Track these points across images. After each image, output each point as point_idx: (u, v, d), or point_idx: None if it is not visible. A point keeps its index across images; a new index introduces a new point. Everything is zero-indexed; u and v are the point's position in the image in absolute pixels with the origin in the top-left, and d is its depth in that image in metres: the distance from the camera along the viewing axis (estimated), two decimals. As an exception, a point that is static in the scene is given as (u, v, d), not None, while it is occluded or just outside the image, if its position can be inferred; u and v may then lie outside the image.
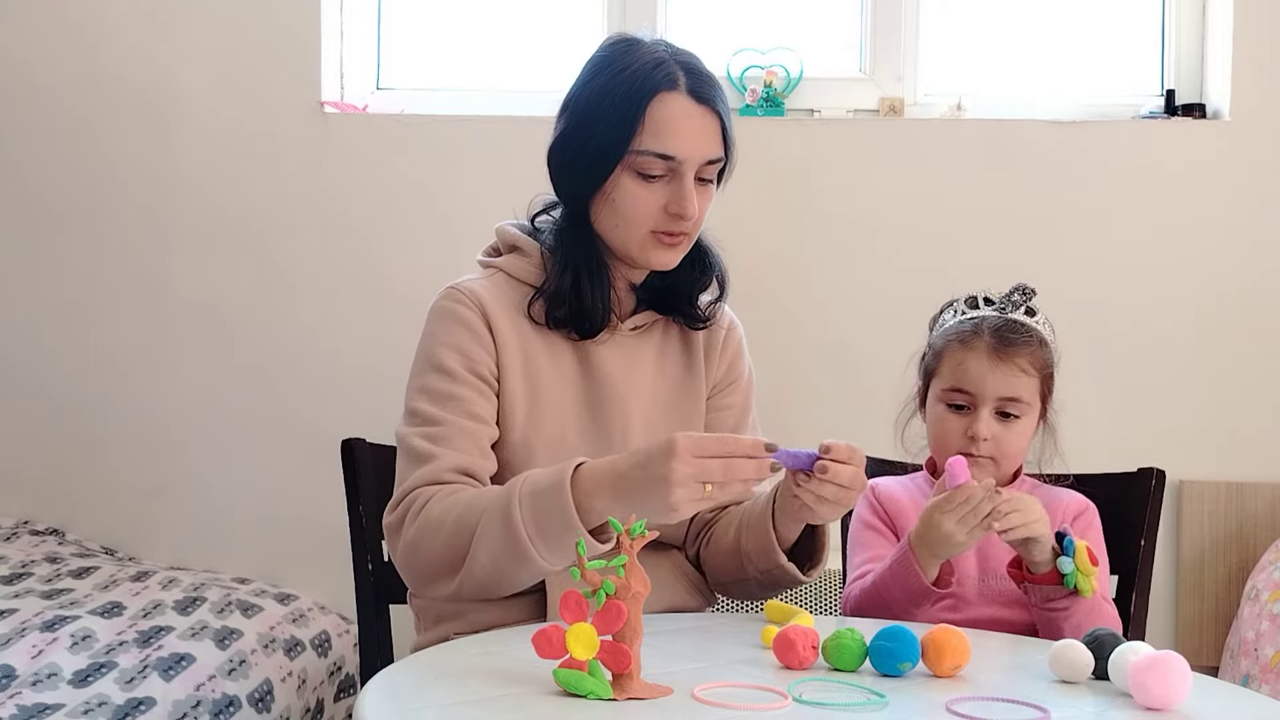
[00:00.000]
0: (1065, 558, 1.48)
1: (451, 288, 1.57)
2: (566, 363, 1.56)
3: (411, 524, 1.43)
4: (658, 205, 1.49)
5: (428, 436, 1.47)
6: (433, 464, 1.45)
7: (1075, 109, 2.68)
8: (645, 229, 1.50)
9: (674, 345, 1.64)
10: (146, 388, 2.71)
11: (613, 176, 1.49)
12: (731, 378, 1.68)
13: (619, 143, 1.47)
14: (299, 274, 2.68)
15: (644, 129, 1.46)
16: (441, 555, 1.40)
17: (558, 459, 1.43)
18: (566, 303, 1.53)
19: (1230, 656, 2.35)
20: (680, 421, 1.61)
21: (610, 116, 1.47)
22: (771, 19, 2.75)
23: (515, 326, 1.54)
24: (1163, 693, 1.10)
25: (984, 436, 1.60)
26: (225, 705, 2.02)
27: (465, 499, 1.41)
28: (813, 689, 1.11)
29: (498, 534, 1.35)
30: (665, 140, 1.46)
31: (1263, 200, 2.58)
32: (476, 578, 1.38)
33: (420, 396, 1.51)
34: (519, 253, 1.60)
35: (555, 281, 1.53)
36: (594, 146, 1.49)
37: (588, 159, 1.50)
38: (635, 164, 1.47)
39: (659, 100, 1.46)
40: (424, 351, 1.55)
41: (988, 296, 1.68)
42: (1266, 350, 2.57)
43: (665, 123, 1.46)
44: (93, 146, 2.72)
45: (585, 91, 1.52)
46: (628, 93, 1.46)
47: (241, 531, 2.68)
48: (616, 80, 1.48)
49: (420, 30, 2.83)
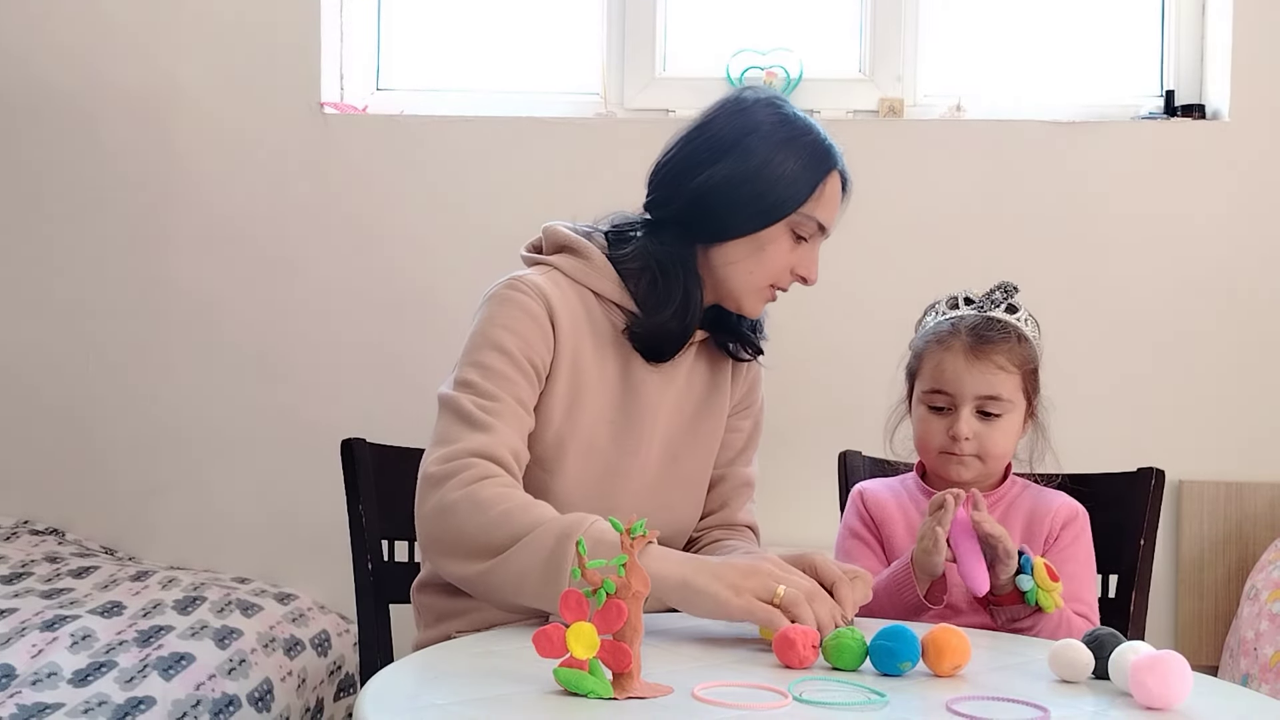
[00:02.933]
0: (1024, 575, 1.50)
1: (516, 279, 1.55)
2: (610, 369, 1.57)
3: (458, 489, 1.38)
4: (790, 264, 1.59)
5: (481, 406, 1.45)
6: (491, 435, 1.42)
7: (1075, 109, 2.68)
8: (769, 281, 1.58)
9: (702, 363, 1.67)
10: (146, 387, 2.71)
11: (775, 227, 1.55)
12: (748, 402, 1.73)
13: (797, 200, 1.55)
14: (299, 274, 2.68)
15: (817, 197, 1.56)
16: (474, 536, 1.36)
17: (587, 462, 1.51)
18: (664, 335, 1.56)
19: (1230, 656, 2.36)
20: (699, 438, 1.65)
21: (796, 174, 1.55)
22: (771, 19, 2.75)
23: (573, 326, 1.54)
24: (1163, 692, 1.10)
25: (965, 436, 1.61)
26: (225, 705, 2.02)
27: (522, 500, 1.38)
28: (813, 689, 1.11)
29: (543, 554, 1.31)
30: (826, 212, 1.59)
31: (1262, 200, 2.58)
32: (495, 581, 1.35)
33: (474, 370, 1.48)
34: (573, 254, 1.60)
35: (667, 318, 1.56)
36: (770, 198, 1.54)
37: (758, 207, 1.55)
38: (796, 224, 1.56)
39: (832, 176, 1.59)
40: (482, 331, 1.51)
41: (968, 296, 1.68)
42: (1266, 350, 2.57)
43: (830, 197, 1.59)
44: (93, 147, 2.72)
45: (768, 143, 1.55)
46: (815, 158, 1.56)
47: (241, 531, 2.68)
48: (804, 144, 1.57)
49: (420, 30, 2.83)
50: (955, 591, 1.58)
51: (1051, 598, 1.50)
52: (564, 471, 1.52)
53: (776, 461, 2.16)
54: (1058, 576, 1.51)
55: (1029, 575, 1.50)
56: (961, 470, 1.63)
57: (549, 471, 1.52)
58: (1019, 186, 2.60)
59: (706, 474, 1.68)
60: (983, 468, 1.63)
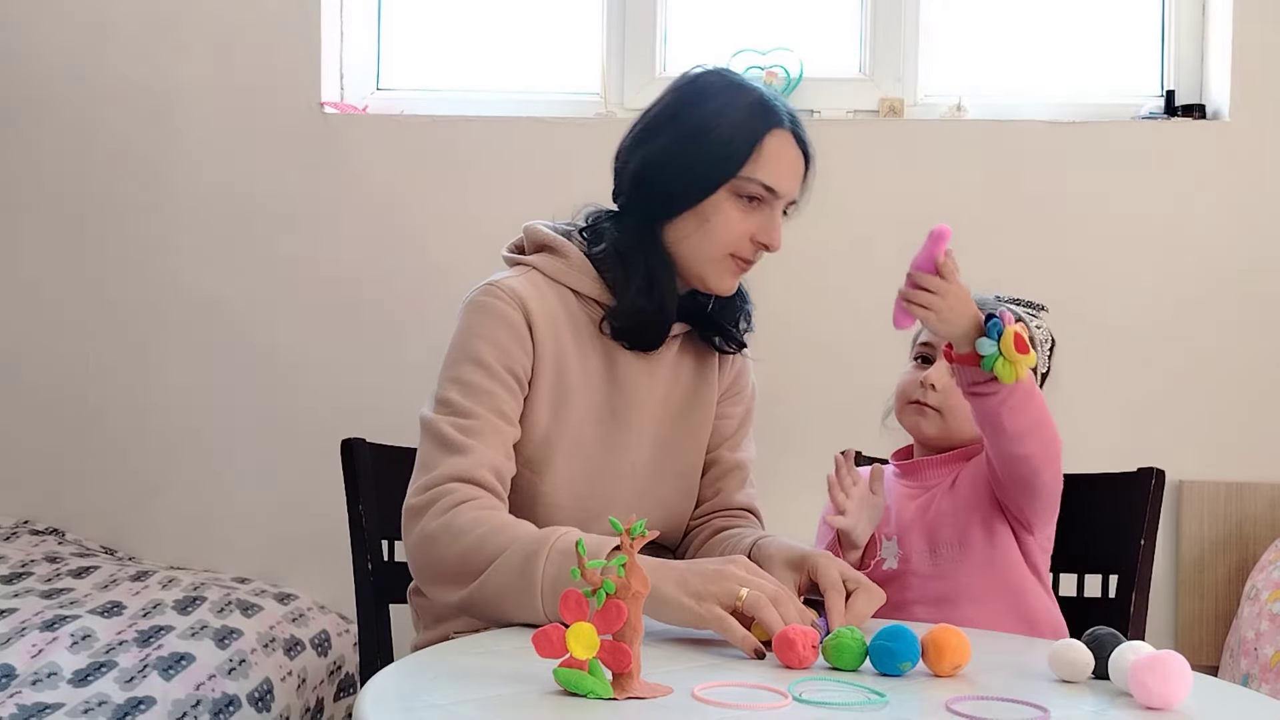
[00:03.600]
0: (985, 339, 1.45)
1: (492, 284, 1.54)
2: (595, 367, 1.57)
3: (437, 517, 1.40)
4: (746, 232, 1.54)
5: (459, 427, 1.45)
6: (468, 457, 1.43)
7: (1075, 109, 2.68)
8: (726, 252, 1.55)
9: (689, 355, 1.66)
10: (146, 387, 2.71)
11: (714, 197, 1.53)
12: (737, 388, 1.72)
13: (730, 165, 1.52)
14: (299, 274, 2.68)
15: (756, 158, 1.52)
16: (454, 563, 1.39)
17: (576, 461, 1.51)
18: (638, 317, 1.55)
19: (1230, 656, 2.36)
20: (688, 430, 1.64)
21: (726, 139, 1.52)
22: (771, 19, 2.75)
23: (552, 327, 1.54)
24: (1163, 692, 1.10)
25: (932, 382, 1.63)
26: (225, 705, 2.02)
27: (495, 522, 1.39)
28: (813, 689, 1.11)
29: (513, 574, 1.33)
30: (771, 173, 1.53)
31: (1262, 200, 2.58)
32: (480, 603, 1.37)
33: (453, 386, 1.49)
34: (552, 253, 1.60)
35: (634, 297, 1.54)
36: (703, 165, 1.52)
37: (694, 175, 1.53)
38: (739, 189, 1.52)
39: (773, 135, 1.53)
40: (460, 344, 1.52)
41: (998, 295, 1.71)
42: (1266, 350, 2.57)
43: (774, 157, 1.53)
44: (93, 146, 2.72)
45: (698, 113, 1.54)
46: (747, 120, 1.52)
47: (241, 531, 2.68)
48: (735, 106, 1.53)
49: (420, 30, 2.83)
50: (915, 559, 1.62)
51: (1014, 369, 1.44)
52: (553, 472, 1.52)
53: (776, 461, 2.16)
54: (1028, 349, 1.46)
55: (993, 340, 1.45)
56: (922, 422, 1.67)
57: (538, 473, 1.52)
58: (1019, 186, 2.60)
59: (698, 467, 1.68)
60: (943, 424, 1.65)
